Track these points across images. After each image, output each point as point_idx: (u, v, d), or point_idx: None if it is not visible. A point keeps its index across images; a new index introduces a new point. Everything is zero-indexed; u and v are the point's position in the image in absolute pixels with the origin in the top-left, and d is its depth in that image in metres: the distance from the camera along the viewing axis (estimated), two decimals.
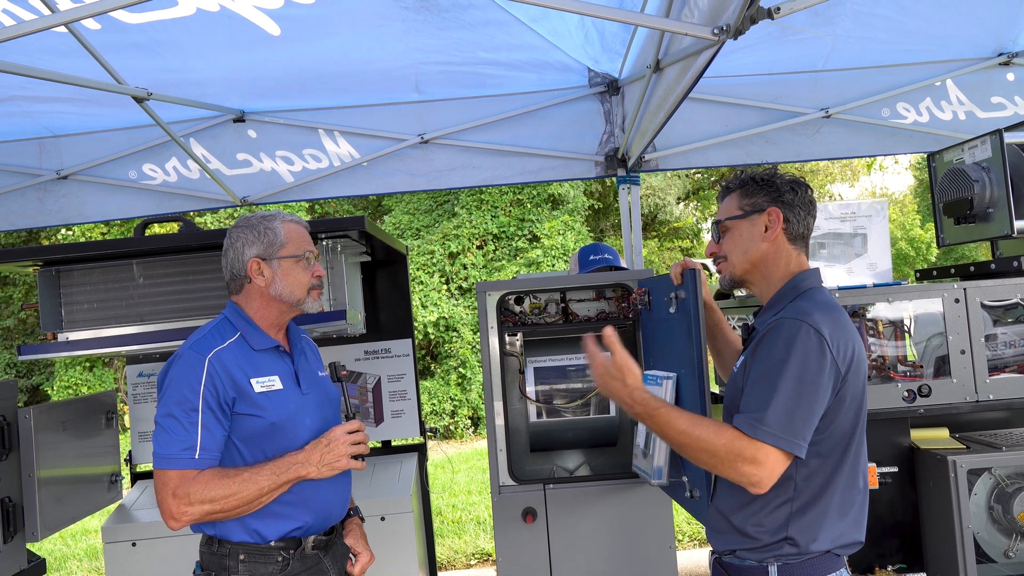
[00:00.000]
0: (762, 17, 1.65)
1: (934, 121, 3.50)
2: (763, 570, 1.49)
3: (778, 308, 1.57)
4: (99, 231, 10.30)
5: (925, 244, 15.69)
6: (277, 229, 1.75)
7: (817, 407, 1.45)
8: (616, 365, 1.56)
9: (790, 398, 1.43)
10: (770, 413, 1.42)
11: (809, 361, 1.44)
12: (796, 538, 1.47)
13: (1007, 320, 2.43)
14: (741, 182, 1.66)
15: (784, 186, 1.62)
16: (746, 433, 1.43)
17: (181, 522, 1.60)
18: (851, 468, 1.52)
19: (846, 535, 1.51)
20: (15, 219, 3.63)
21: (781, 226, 1.60)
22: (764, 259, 1.62)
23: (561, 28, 3.06)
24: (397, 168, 3.54)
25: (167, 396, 1.64)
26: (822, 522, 1.48)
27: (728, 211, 1.67)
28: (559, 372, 2.54)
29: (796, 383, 1.43)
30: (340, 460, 1.69)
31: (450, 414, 10.14)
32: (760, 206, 1.62)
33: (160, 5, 2.72)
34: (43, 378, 11.85)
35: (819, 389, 1.44)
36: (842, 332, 1.49)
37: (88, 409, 2.74)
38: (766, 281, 1.63)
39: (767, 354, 1.48)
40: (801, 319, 1.47)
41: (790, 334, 1.46)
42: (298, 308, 1.78)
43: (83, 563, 5.69)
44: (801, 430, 1.43)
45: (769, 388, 1.44)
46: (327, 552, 1.77)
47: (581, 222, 11.50)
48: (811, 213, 1.63)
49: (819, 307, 1.51)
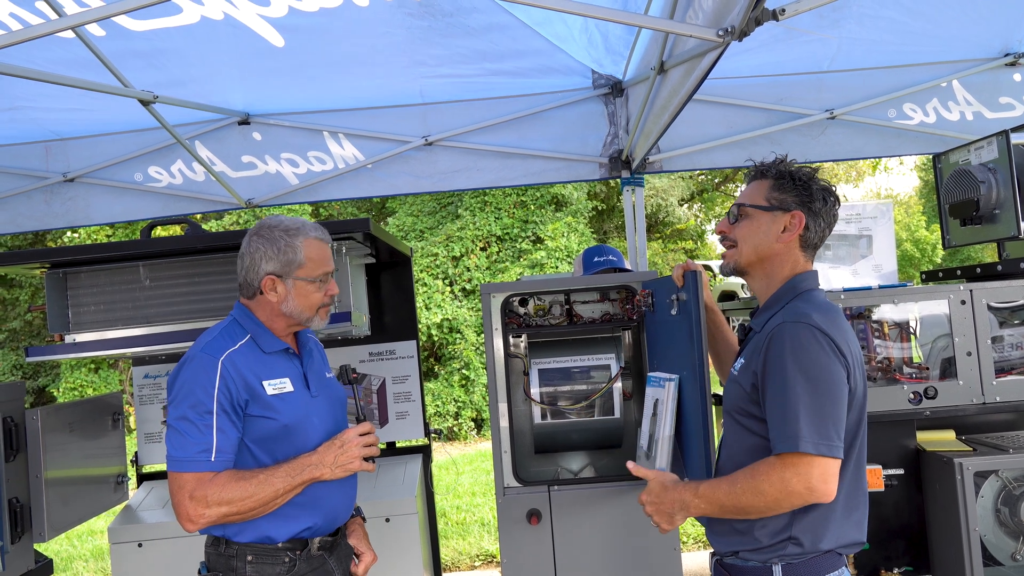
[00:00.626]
0: (767, 18, 1.64)
1: (941, 122, 3.49)
2: (767, 570, 1.48)
3: (775, 309, 1.56)
4: (104, 233, 10.35)
5: (930, 246, 15.64)
6: (298, 248, 1.72)
7: (841, 401, 1.43)
8: (667, 503, 1.56)
9: (814, 403, 1.41)
10: (802, 425, 1.39)
11: (818, 360, 1.42)
12: (800, 538, 1.46)
13: (1013, 322, 2.41)
14: (778, 172, 1.61)
15: (817, 192, 1.58)
16: (785, 453, 1.40)
17: (198, 524, 1.61)
18: (855, 468, 1.51)
19: (849, 535, 1.50)
20: (22, 221, 3.65)
21: (800, 231, 1.57)
22: (772, 258, 1.60)
23: (564, 31, 3.06)
24: (401, 170, 3.55)
25: (180, 399, 1.64)
26: (827, 522, 1.47)
27: (753, 197, 1.62)
28: (563, 374, 2.53)
29: (813, 386, 1.41)
30: (353, 462, 1.70)
31: (454, 416, 10.15)
32: (787, 205, 1.58)
33: (164, 12, 2.73)
34: (49, 380, 11.90)
35: (837, 385, 1.43)
36: (842, 332, 1.48)
37: (95, 410, 2.75)
38: (767, 279, 1.62)
39: (776, 365, 1.45)
40: (803, 321, 1.46)
41: (793, 338, 1.44)
42: (304, 324, 1.79)
43: (89, 564, 5.71)
44: (836, 430, 1.41)
45: (791, 401, 1.41)
46: (332, 553, 1.78)
47: (585, 224, 11.50)
48: (831, 225, 1.61)
49: (817, 308, 1.50)
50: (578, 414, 2.51)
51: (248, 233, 1.77)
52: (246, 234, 1.77)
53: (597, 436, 2.56)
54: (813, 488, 1.39)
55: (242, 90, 3.32)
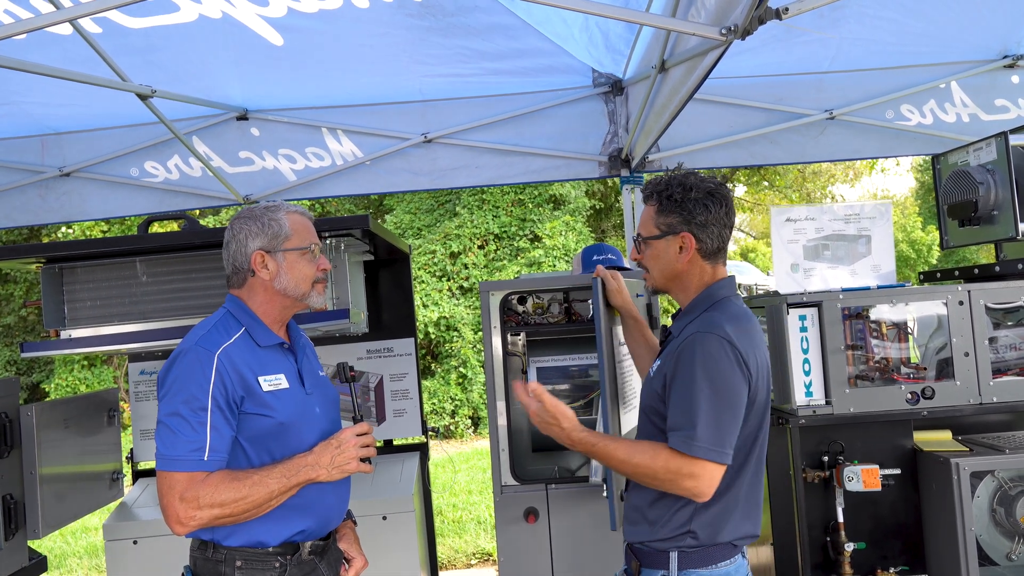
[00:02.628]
0: (770, 17, 1.64)
1: (938, 123, 3.50)
2: (665, 555, 1.64)
3: (692, 316, 1.66)
4: (99, 229, 10.30)
5: (926, 246, 15.70)
6: (282, 220, 1.69)
7: (739, 413, 1.56)
8: (550, 412, 1.66)
9: (714, 410, 1.52)
10: (699, 428, 1.51)
11: (723, 371, 1.54)
12: (698, 532, 1.60)
13: (1009, 323, 2.42)
14: (656, 196, 1.69)
15: (696, 207, 1.64)
16: (680, 451, 1.53)
17: (188, 527, 1.53)
18: (755, 468, 1.64)
19: (743, 529, 1.64)
20: (17, 216, 3.63)
21: (695, 247, 1.66)
22: (679, 276, 1.70)
23: (564, 30, 3.06)
24: (400, 167, 3.53)
25: (172, 394, 1.56)
26: (726, 519, 1.61)
27: (646, 227, 1.73)
28: (562, 372, 2.53)
29: (715, 394, 1.53)
30: (350, 463, 1.64)
31: (450, 414, 10.14)
32: (674, 228, 1.66)
33: (162, 10, 2.71)
34: (43, 376, 11.84)
35: (737, 396, 1.55)
36: (749, 341, 1.59)
37: (90, 407, 2.73)
38: (684, 292, 1.73)
39: (685, 370, 1.56)
40: (712, 331, 1.57)
41: (703, 348, 1.55)
42: (302, 303, 1.73)
43: (84, 561, 5.68)
44: (728, 439, 1.54)
45: (693, 403, 1.53)
46: (323, 557, 1.73)
47: (582, 222, 11.50)
48: (727, 225, 1.68)
49: (729, 319, 1.60)
50: (576, 412, 2.50)
51: (229, 223, 1.74)
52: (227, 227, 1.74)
53: None
54: (699, 490, 1.53)
55: (240, 86, 3.30)
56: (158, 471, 1.56)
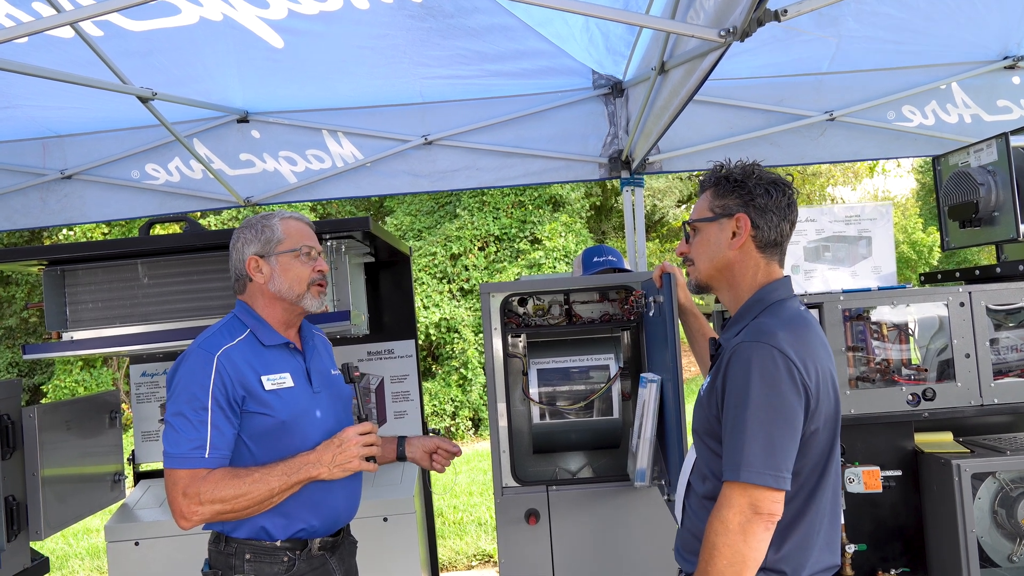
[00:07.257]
0: (769, 19, 1.64)
1: (939, 124, 3.49)
2: None
3: (742, 324, 1.48)
4: (100, 231, 10.31)
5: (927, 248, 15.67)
6: (275, 226, 1.76)
7: (795, 433, 1.37)
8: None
9: (765, 431, 1.34)
10: (747, 452, 1.33)
11: (777, 387, 1.35)
12: (772, 568, 1.38)
13: (1010, 324, 2.42)
14: (715, 179, 1.54)
15: (757, 188, 1.48)
16: (730, 480, 1.35)
17: (192, 521, 1.60)
18: (833, 491, 1.44)
19: (823, 560, 1.43)
20: (18, 218, 3.63)
21: (749, 233, 1.49)
22: (730, 267, 1.52)
23: (565, 32, 3.06)
24: (401, 169, 3.54)
25: (177, 395, 1.64)
26: (807, 551, 1.40)
27: (699, 211, 1.57)
28: (562, 374, 2.53)
29: (767, 413, 1.34)
30: (352, 461, 1.67)
31: (451, 415, 10.14)
32: (730, 210, 1.50)
33: (162, 12, 2.72)
34: (44, 377, 11.85)
35: (794, 414, 1.36)
36: (806, 348, 1.40)
37: (92, 408, 2.74)
38: (732, 290, 1.54)
39: (733, 387, 1.38)
40: (764, 341, 1.38)
41: (754, 361, 1.37)
42: (300, 304, 1.76)
43: (85, 562, 5.69)
44: (784, 461, 1.34)
45: (742, 426, 1.35)
46: (334, 553, 1.77)
47: (582, 224, 11.50)
48: (787, 218, 1.51)
49: (783, 324, 1.42)
50: (577, 414, 2.51)
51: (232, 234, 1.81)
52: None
53: (595, 436, 2.56)
54: (770, 520, 1.33)
55: (241, 88, 3.30)
56: (164, 468, 1.63)
